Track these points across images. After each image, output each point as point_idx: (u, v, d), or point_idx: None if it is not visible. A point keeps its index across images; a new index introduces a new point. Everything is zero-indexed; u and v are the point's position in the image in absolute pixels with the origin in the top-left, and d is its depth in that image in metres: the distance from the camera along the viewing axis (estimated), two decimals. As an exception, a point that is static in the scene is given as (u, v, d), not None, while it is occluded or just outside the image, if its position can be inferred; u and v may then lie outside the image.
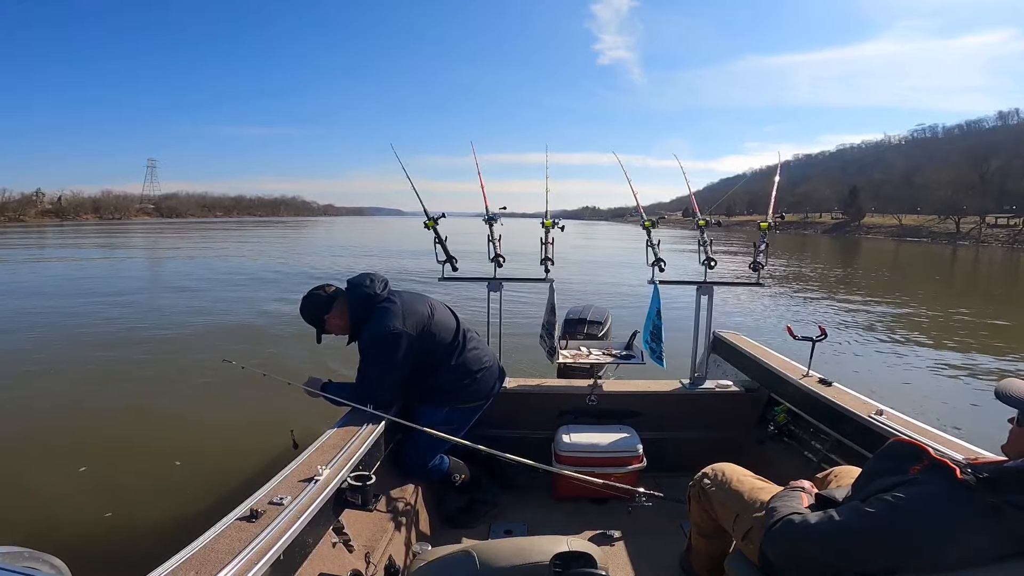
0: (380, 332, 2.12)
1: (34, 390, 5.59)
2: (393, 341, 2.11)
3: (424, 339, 2.20)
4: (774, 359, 2.82)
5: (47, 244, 29.87)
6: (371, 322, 2.15)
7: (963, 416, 4.39)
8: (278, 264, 17.95)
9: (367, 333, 2.15)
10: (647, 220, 2.71)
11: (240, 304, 10.69)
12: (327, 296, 2.22)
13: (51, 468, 3.79)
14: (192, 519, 2.64)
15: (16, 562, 0.98)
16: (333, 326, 2.24)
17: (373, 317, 2.16)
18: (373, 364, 2.14)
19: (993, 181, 60.13)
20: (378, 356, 2.13)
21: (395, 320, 2.13)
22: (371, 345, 2.14)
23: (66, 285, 13.19)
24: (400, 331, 2.12)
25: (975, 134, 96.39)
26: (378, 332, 2.12)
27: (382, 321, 2.13)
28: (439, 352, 2.26)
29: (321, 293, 2.23)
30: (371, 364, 2.15)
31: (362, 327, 2.18)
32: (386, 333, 2.11)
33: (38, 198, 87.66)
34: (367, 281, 2.22)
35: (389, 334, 2.11)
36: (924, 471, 1.12)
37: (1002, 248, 44.87)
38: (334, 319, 2.22)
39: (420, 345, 2.18)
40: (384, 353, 2.12)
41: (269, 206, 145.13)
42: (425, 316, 2.24)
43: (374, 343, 2.13)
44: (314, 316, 2.22)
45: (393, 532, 1.86)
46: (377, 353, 2.13)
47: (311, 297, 2.23)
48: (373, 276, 2.27)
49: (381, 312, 2.16)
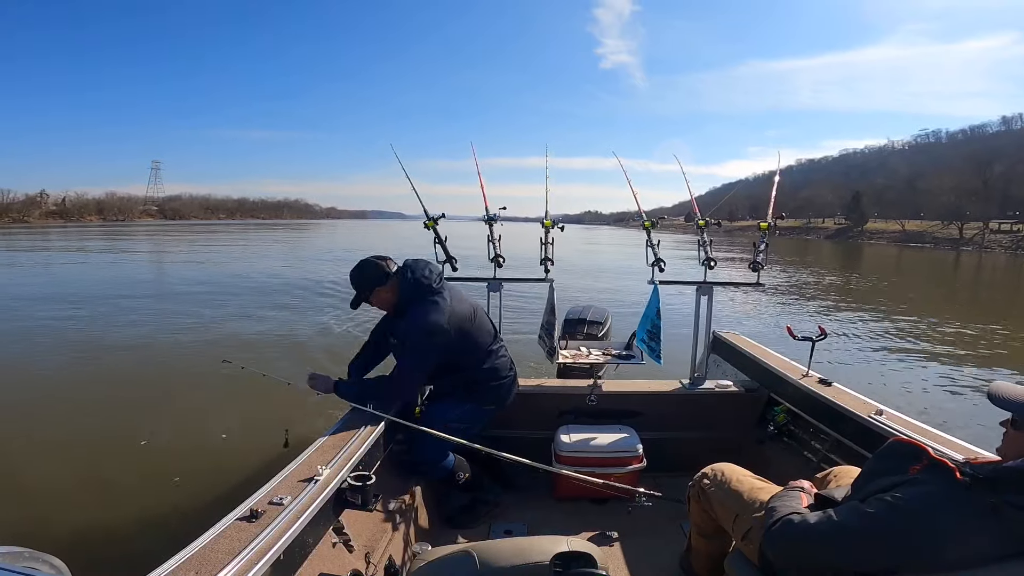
0: (426, 325, 2.14)
1: (34, 391, 5.60)
2: (436, 335, 2.14)
3: (461, 339, 2.23)
4: (774, 359, 2.82)
5: (52, 246, 29.90)
6: (419, 311, 2.17)
7: (962, 416, 4.38)
8: (281, 269, 17.93)
9: (415, 322, 2.16)
10: (647, 220, 2.71)
11: (241, 305, 10.70)
12: (386, 271, 2.23)
13: (51, 468, 3.79)
14: (192, 519, 2.63)
15: (16, 562, 0.98)
16: (380, 299, 2.25)
17: (422, 306, 2.17)
18: (413, 353, 2.18)
19: (996, 186, 60.23)
20: (419, 346, 2.16)
21: (441, 317, 2.16)
22: (415, 334, 2.16)
23: (69, 286, 13.21)
24: (443, 328, 2.15)
25: (978, 139, 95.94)
26: (424, 324, 2.14)
27: (430, 314, 2.15)
28: (473, 353, 2.30)
29: (382, 265, 2.24)
30: (410, 352, 2.18)
31: (408, 311, 2.20)
32: (431, 327, 2.14)
33: (42, 199, 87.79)
34: (426, 270, 2.24)
35: (434, 329, 2.14)
36: (924, 471, 1.13)
37: (1005, 254, 44.80)
38: (385, 293, 2.23)
39: (456, 344, 2.21)
40: (425, 344, 2.15)
41: (272, 209, 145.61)
42: (467, 317, 2.27)
43: (418, 333, 2.15)
44: (367, 285, 2.23)
45: (393, 532, 1.86)
46: (418, 342, 2.16)
47: (371, 267, 2.23)
48: (431, 266, 2.30)
49: (431, 305, 2.18)
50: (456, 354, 2.25)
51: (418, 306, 2.18)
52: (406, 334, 2.20)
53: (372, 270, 2.23)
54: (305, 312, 9.94)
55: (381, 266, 2.23)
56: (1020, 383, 1.16)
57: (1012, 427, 1.12)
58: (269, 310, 10.09)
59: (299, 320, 9.13)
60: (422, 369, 2.20)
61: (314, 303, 10.89)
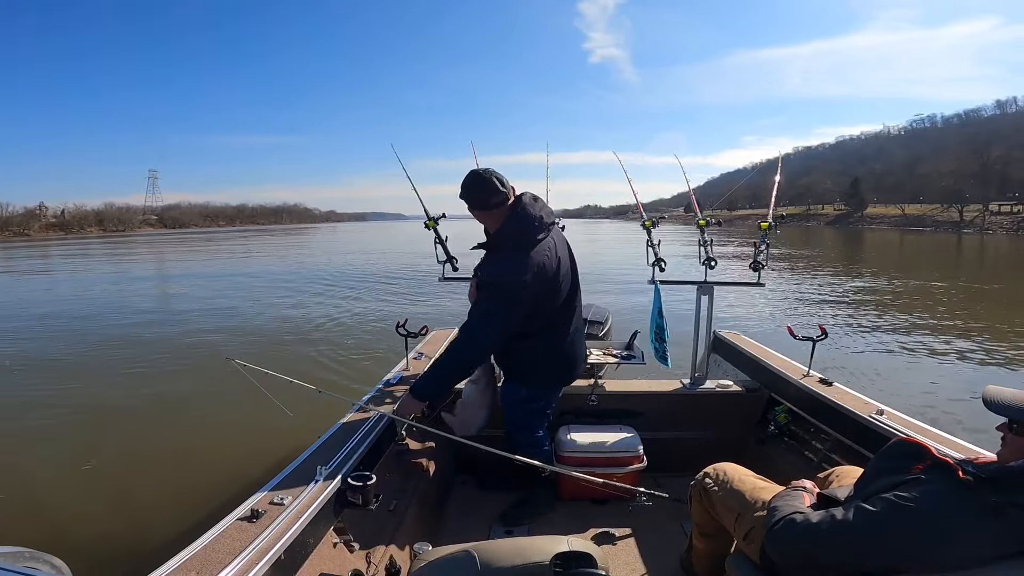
0: (508, 277, 1.99)
1: (35, 391, 5.62)
2: (518, 289, 1.99)
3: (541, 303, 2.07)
4: (775, 359, 2.82)
5: (54, 260, 29.94)
6: (509, 259, 2.01)
7: (965, 415, 4.37)
8: (289, 273, 17.92)
9: (499, 270, 2.03)
10: (647, 220, 2.72)
11: (243, 307, 10.72)
12: (508, 195, 2.03)
13: (52, 468, 3.80)
14: (193, 519, 2.64)
15: (17, 562, 0.99)
16: (485, 217, 2.05)
17: (515, 254, 2.01)
18: (492, 302, 2.03)
19: (995, 169, 60.74)
20: (498, 296, 2.01)
21: (527, 273, 1.98)
22: (494, 283, 2.03)
23: (76, 296, 13.27)
24: (527, 282, 1.98)
25: (974, 123, 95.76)
26: (507, 276, 1.99)
27: (519, 266, 1.98)
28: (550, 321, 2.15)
29: (506, 191, 2.02)
30: (488, 302, 2.03)
31: (500, 250, 2.05)
32: (512, 280, 1.98)
33: (41, 212, 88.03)
34: (537, 220, 2.04)
35: (515, 281, 1.98)
36: (926, 470, 1.12)
37: (1007, 235, 44.65)
38: (494, 216, 2.04)
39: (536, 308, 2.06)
40: (505, 296, 2.00)
41: (272, 214, 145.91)
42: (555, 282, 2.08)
43: (498, 283, 2.02)
44: (487, 199, 2.01)
45: (394, 532, 1.86)
46: (496, 293, 2.02)
47: (497, 183, 2.01)
48: (544, 212, 2.09)
49: (521, 255, 1.99)
50: (533, 319, 2.08)
51: (512, 250, 2.01)
52: (488, 280, 2.05)
53: (498, 185, 2.00)
54: (305, 312, 9.96)
55: (496, 186, 2.01)
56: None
57: (1010, 432, 1.11)
58: (273, 312, 10.10)
59: (299, 321, 9.15)
60: (496, 322, 2.03)
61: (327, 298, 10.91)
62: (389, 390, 2.41)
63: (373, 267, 18.62)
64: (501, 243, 2.05)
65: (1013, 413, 1.10)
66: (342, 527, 1.63)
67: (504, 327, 2.05)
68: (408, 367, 2.70)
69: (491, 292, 2.03)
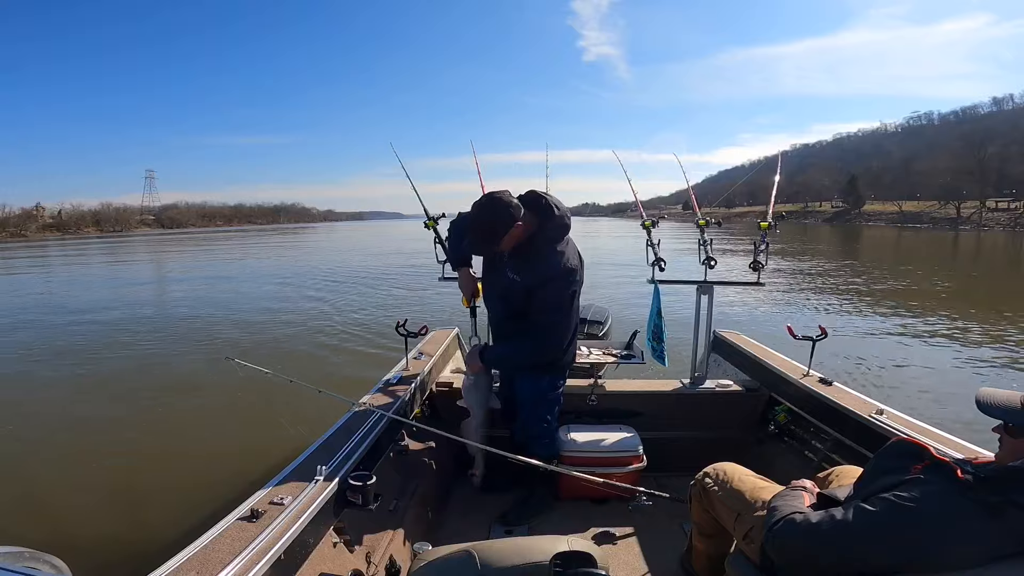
0: (566, 268, 2.05)
1: (35, 392, 5.61)
2: (576, 278, 2.09)
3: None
4: (774, 359, 2.82)
5: (52, 260, 29.87)
6: (557, 253, 2.05)
7: (964, 415, 4.37)
8: (289, 273, 17.92)
9: (553, 265, 2.05)
10: (647, 220, 2.72)
11: (243, 307, 10.71)
12: (518, 204, 1.99)
13: (53, 468, 3.80)
14: (193, 519, 2.64)
15: (17, 562, 0.99)
16: (517, 231, 2.01)
17: (559, 247, 2.06)
18: (559, 296, 2.07)
19: (991, 166, 60.94)
20: (563, 289, 2.07)
21: (576, 260, 2.10)
22: (553, 278, 2.05)
23: (76, 296, 13.26)
24: (578, 268, 2.10)
25: (970, 120, 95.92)
26: (563, 268, 2.05)
27: (568, 257, 2.07)
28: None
29: (510, 201, 1.98)
30: (556, 297, 2.07)
31: (538, 249, 2.05)
32: (570, 270, 2.06)
33: (38, 212, 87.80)
34: (566, 212, 2.09)
35: (573, 270, 2.07)
36: (926, 470, 1.13)
37: (1004, 232, 44.70)
38: (521, 226, 2.00)
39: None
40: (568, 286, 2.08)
41: (269, 214, 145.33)
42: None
43: (558, 277, 2.05)
44: (513, 214, 1.96)
45: (394, 532, 1.86)
46: (562, 287, 2.06)
47: (502, 205, 1.96)
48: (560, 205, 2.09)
49: (564, 247, 2.08)
50: None
51: (554, 248, 2.06)
52: (550, 278, 2.04)
53: (505, 206, 1.97)
54: (305, 312, 9.96)
55: (511, 200, 2.00)
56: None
57: (1007, 433, 1.11)
58: (274, 311, 10.10)
59: (300, 322, 9.14)
60: (569, 313, 2.12)
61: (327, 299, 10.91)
62: (389, 390, 2.41)
63: (372, 267, 18.63)
64: (543, 242, 2.07)
65: (1006, 415, 1.09)
66: (342, 527, 1.63)
67: (576, 316, 2.18)
68: (408, 367, 2.69)
69: (556, 287, 2.07)
